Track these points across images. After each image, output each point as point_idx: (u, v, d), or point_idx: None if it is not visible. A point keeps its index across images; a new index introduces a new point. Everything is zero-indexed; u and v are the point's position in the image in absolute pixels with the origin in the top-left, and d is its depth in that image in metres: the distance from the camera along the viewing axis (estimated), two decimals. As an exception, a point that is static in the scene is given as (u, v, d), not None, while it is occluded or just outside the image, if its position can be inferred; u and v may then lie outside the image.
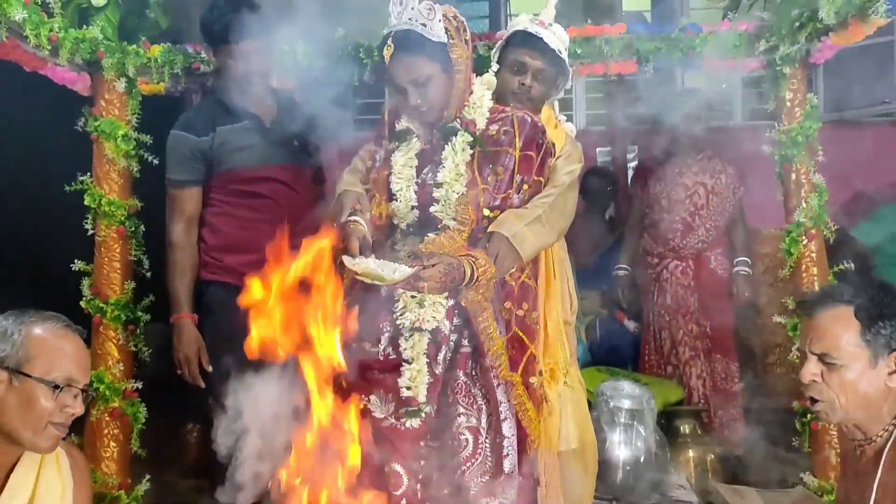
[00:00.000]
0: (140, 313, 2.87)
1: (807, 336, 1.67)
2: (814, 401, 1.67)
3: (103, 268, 2.84)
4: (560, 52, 2.39)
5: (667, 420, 3.22)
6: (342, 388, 1.95)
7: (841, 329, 1.61)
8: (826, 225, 2.82)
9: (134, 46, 2.85)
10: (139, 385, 2.84)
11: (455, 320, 2.07)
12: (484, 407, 2.06)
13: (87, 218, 2.84)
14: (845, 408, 1.62)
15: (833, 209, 2.90)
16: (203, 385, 2.64)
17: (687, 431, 3.24)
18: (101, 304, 2.80)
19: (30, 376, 1.66)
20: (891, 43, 4.54)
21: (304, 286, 1.82)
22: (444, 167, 2.09)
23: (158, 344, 2.96)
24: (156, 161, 2.90)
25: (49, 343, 1.70)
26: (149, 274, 2.93)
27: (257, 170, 2.64)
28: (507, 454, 2.03)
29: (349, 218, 2.06)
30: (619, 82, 4.34)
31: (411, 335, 2.00)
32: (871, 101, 4.74)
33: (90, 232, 2.84)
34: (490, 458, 2.03)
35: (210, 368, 2.63)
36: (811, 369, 1.64)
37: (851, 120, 4.70)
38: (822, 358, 1.63)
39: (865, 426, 1.65)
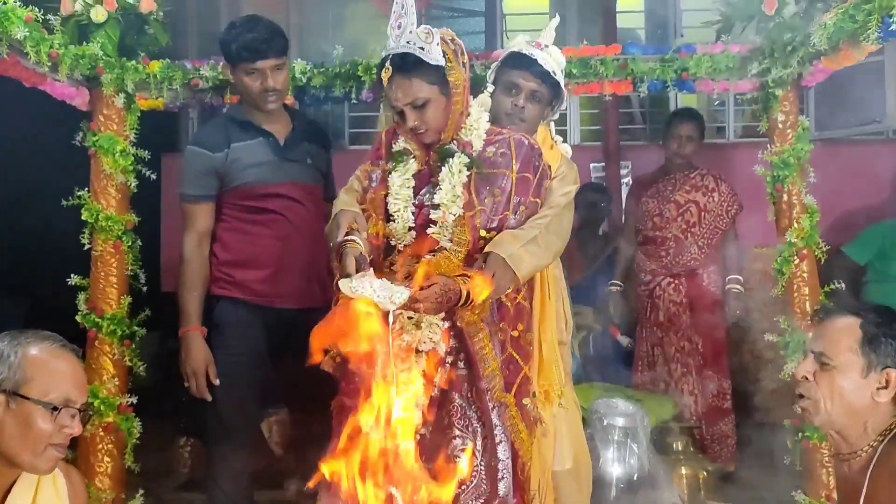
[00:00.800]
0: (136, 328, 2.88)
1: (814, 337, 1.76)
2: (801, 398, 1.72)
3: (99, 282, 2.84)
4: (555, 74, 2.39)
5: (659, 436, 3.23)
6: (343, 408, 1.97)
7: (843, 334, 1.68)
8: (817, 245, 2.85)
9: (133, 62, 2.86)
10: (134, 400, 2.85)
11: (451, 342, 2.07)
12: (479, 430, 2.06)
13: (84, 232, 2.85)
14: (829, 411, 1.66)
15: (824, 227, 2.93)
16: (210, 398, 2.63)
17: (679, 448, 3.26)
18: (96, 319, 2.80)
19: (27, 398, 1.65)
20: (881, 63, 4.60)
21: None
22: (441, 189, 2.10)
23: (151, 355, 2.97)
24: (153, 176, 2.93)
25: (46, 364, 1.69)
26: (145, 288, 2.94)
27: (269, 186, 2.66)
28: (503, 477, 2.04)
29: (346, 237, 2.06)
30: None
31: (408, 357, 2.00)
32: (861, 119, 4.79)
33: (87, 246, 2.85)
34: (485, 482, 2.03)
35: (217, 382, 2.62)
36: (806, 366, 1.70)
37: (842, 138, 4.75)
38: (818, 357, 1.68)
39: (848, 437, 1.69)
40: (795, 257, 2.85)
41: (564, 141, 2.68)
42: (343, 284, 1.88)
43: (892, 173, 4.79)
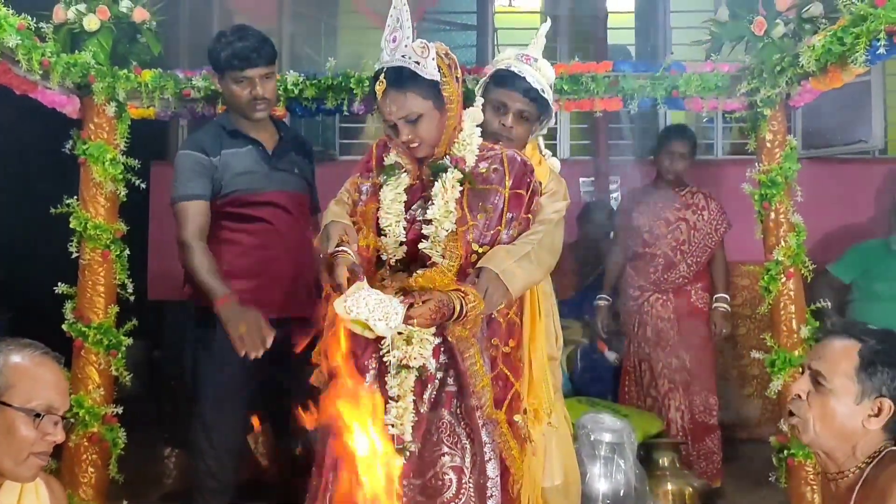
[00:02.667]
0: (122, 337, 2.86)
1: (813, 353, 1.75)
2: (791, 415, 1.72)
3: (87, 291, 2.83)
4: (543, 92, 2.35)
5: (646, 452, 3.24)
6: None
7: (840, 357, 1.67)
8: (804, 264, 2.87)
9: (125, 71, 2.86)
10: (119, 410, 2.83)
11: (441, 358, 2.06)
12: (468, 447, 2.04)
13: (72, 240, 2.83)
14: (818, 432, 1.66)
15: (809, 245, 2.95)
16: (269, 345, 2.44)
17: (666, 464, 3.25)
18: (83, 328, 2.79)
19: (10, 405, 1.64)
20: (867, 83, 4.66)
21: None
22: (433, 204, 2.08)
23: (136, 364, 2.96)
24: (143, 185, 2.93)
25: (28, 371, 1.68)
26: (132, 298, 2.92)
27: (258, 194, 2.66)
28: (492, 495, 2.02)
29: (337, 248, 2.06)
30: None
31: (398, 372, 1.99)
32: (847, 139, 4.84)
33: (74, 255, 2.84)
34: (474, 499, 2.01)
35: (271, 336, 2.45)
36: (801, 385, 1.70)
37: (828, 157, 4.80)
38: (815, 376, 1.68)
39: (835, 458, 1.68)
40: (782, 275, 2.87)
41: (553, 155, 2.69)
42: (338, 305, 1.84)
43: (877, 193, 4.85)
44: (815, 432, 1.67)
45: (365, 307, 1.82)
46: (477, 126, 2.20)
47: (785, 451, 2.84)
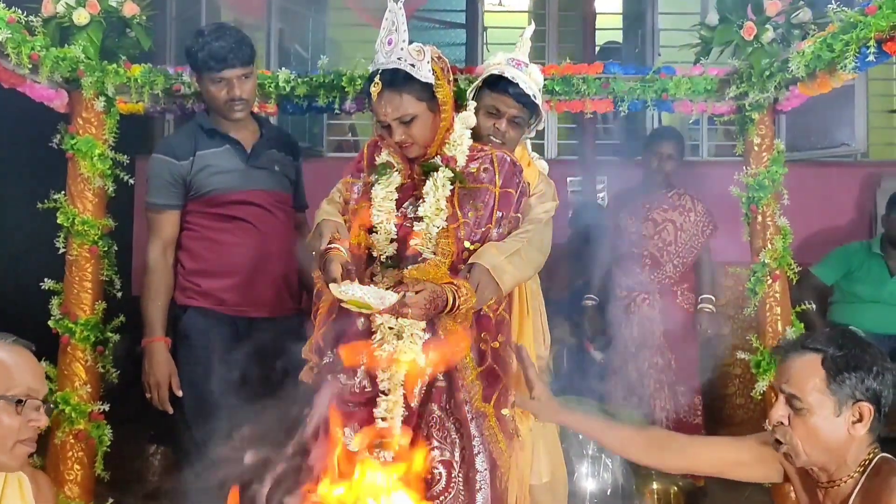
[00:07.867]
0: (110, 334, 2.84)
1: (780, 376, 1.74)
2: (779, 443, 1.72)
3: (73, 287, 2.80)
4: (535, 97, 2.39)
5: (631, 451, 3.26)
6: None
7: (807, 375, 1.67)
8: (790, 266, 2.90)
9: (114, 66, 2.84)
10: (106, 407, 2.81)
11: (431, 354, 2.08)
12: (457, 441, 2.06)
13: (59, 236, 2.81)
14: (808, 453, 1.67)
15: (792, 247, 2.99)
16: (171, 411, 2.61)
17: (651, 463, 3.28)
18: (70, 324, 2.77)
19: None
20: (851, 87, 4.72)
21: None
22: (424, 202, 2.12)
23: (120, 359, 2.94)
24: (131, 181, 2.90)
25: (2, 360, 1.69)
26: (119, 294, 2.90)
27: (236, 193, 2.64)
28: (480, 488, 2.04)
29: (329, 245, 2.07)
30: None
31: (389, 366, 2.01)
32: (830, 142, 4.91)
33: (61, 250, 2.81)
34: (463, 493, 2.03)
35: (181, 394, 2.60)
36: (779, 411, 1.70)
37: (811, 160, 4.86)
38: (790, 400, 1.68)
39: (829, 470, 1.70)
40: (768, 278, 2.90)
41: (541, 155, 2.71)
42: (333, 288, 1.89)
43: (860, 196, 4.92)
44: (805, 454, 1.67)
45: (359, 290, 1.88)
46: (467, 129, 2.22)
47: (769, 451, 2.87)
